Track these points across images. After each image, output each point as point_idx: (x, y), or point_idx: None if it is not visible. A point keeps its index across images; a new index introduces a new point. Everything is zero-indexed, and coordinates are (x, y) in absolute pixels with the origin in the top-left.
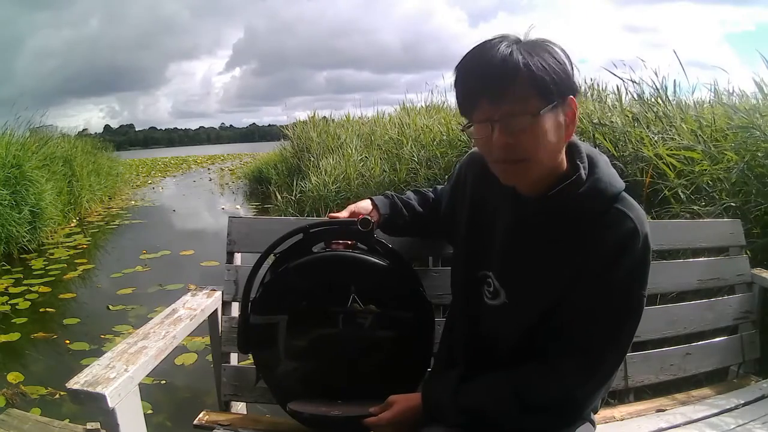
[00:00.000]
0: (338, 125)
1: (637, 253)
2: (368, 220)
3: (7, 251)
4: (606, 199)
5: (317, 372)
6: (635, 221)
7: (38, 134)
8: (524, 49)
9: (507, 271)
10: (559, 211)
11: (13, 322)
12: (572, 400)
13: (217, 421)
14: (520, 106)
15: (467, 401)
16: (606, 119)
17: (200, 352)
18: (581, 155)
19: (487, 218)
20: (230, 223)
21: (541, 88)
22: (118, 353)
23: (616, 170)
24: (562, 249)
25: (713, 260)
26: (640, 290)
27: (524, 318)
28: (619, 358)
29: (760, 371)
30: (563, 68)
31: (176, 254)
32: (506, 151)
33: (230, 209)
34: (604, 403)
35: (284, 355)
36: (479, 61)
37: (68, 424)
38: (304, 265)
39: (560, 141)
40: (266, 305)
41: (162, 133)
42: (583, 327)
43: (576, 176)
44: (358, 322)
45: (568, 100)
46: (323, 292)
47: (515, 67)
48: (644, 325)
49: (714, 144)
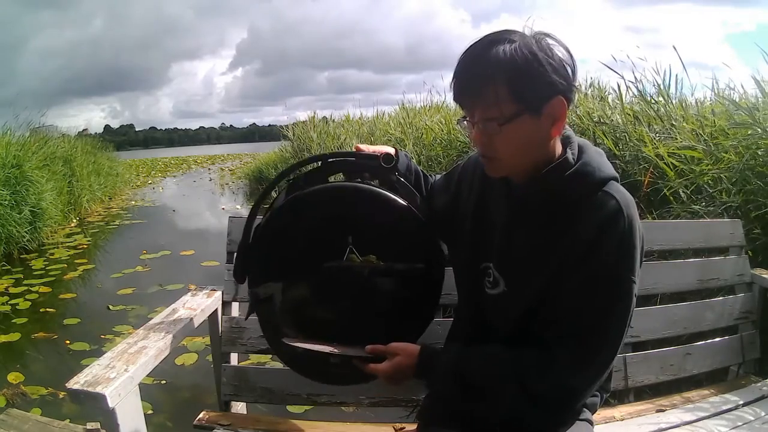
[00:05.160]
0: (338, 125)
1: (622, 234)
2: (391, 156)
3: (7, 251)
4: (593, 182)
5: (317, 308)
6: (620, 203)
7: (38, 134)
8: (515, 50)
9: (504, 259)
10: (547, 195)
11: (14, 322)
12: (569, 388)
13: (217, 421)
14: (493, 111)
15: (465, 367)
16: (606, 118)
17: (200, 352)
18: (572, 144)
19: (489, 211)
20: (230, 223)
21: (518, 94)
22: (118, 353)
23: (616, 170)
24: (551, 233)
25: (713, 260)
26: (628, 274)
27: (522, 305)
28: (613, 347)
29: (760, 371)
30: (551, 69)
31: (176, 254)
32: (481, 146)
33: (231, 209)
34: (604, 403)
35: (284, 286)
36: (467, 61)
37: (68, 424)
38: (318, 192)
39: (538, 143)
40: (272, 231)
41: (162, 133)
42: (573, 313)
43: (562, 159)
44: (356, 271)
45: (554, 101)
46: (336, 224)
47: (494, 72)
48: (644, 325)
49: (714, 143)
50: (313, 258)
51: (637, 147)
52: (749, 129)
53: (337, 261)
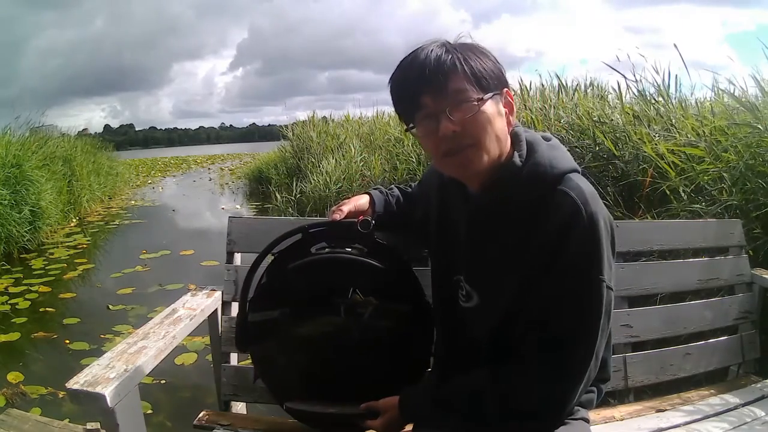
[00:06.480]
0: (337, 125)
1: (583, 234)
2: (368, 222)
3: (7, 251)
4: (546, 182)
5: (316, 366)
6: (577, 201)
7: (38, 134)
8: (454, 49)
9: (473, 272)
10: (501, 202)
11: (13, 321)
12: (553, 397)
13: (217, 421)
14: (462, 95)
15: (446, 400)
16: (606, 117)
17: (200, 352)
18: (521, 144)
19: (453, 223)
20: (230, 223)
21: (478, 80)
22: (118, 353)
23: (616, 170)
24: (514, 241)
25: (713, 260)
26: (596, 273)
27: (497, 316)
28: (589, 348)
29: (760, 371)
30: (494, 64)
31: (176, 254)
32: (453, 139)
33: (230, 209)
34: (604, 403)
35: (283, 348)
36: (416, 64)
37: (68, 424)
38: (303, 266)
39: (503, 129)
40: (264, 303)
41: (162, 132)
42: (546, 320)
43: (509, 162)
44: (358, 311)
45: (504, 92)
46: (322, 292)
47: (452, 64)
48: (644, 325)
49: (714, 141)
50: (310, 310)
51: (637, 146)
52: (749, 128)
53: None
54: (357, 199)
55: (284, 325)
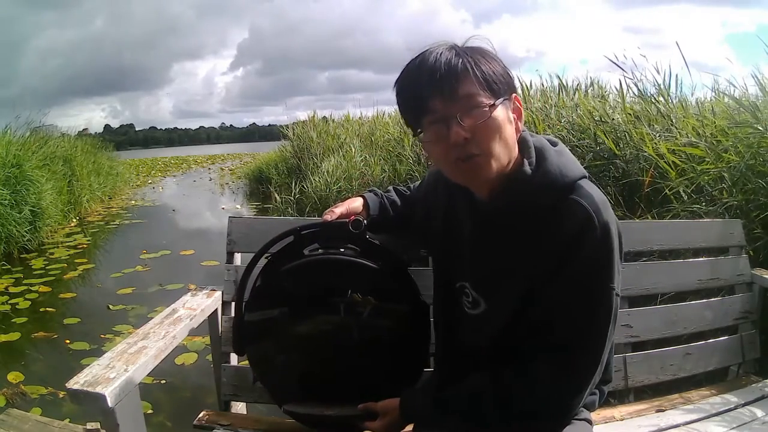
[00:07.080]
0: (338, 125)
1: (596, 243)
2: (360, 222)
3: (7, 251)
4: (557, 191)
5: (315, 366)
6: (590, 210)
7: (39, 134)
8: (464, 53)
9: (479, 279)
10: (510, 211)
11: (13, 321)
12: (556, 400)
13: (217, 421)
14: (474, 100)
15: (447, 401)
16: (607, 117)
17: (200, 352)
18: (529, 150)
19: (458, 229)
20: (230, 223)
21: (489, 85)
22: (118, 353)
23: (616, 170)
24: (522, 249)
25: (713, 260)
26: (607, 282)
27: (504, 322)
28: (595, 355)
29: (760, 371)
30: (503, 69)
31: (176, 254)
32: (464, 146)
33: (231, 209)
34: (604, 403)
35: (282, 349)
36: (425, 67)
37: (68, 424)
38: (296, 268)
39: (512, 135)
40: (259, 306)
41: (162, 132)
42: (552, 326)
43: (519, 172)
44: (357, 310)
45: (513, 97)
46: (318, 293)
47: (463, 67)
48: (644, 325)
49: (715, 141)
50: (308, 309)
51: (638, 146)
52: (750, 128)
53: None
54: (350, 202)
55: (283, 325)
